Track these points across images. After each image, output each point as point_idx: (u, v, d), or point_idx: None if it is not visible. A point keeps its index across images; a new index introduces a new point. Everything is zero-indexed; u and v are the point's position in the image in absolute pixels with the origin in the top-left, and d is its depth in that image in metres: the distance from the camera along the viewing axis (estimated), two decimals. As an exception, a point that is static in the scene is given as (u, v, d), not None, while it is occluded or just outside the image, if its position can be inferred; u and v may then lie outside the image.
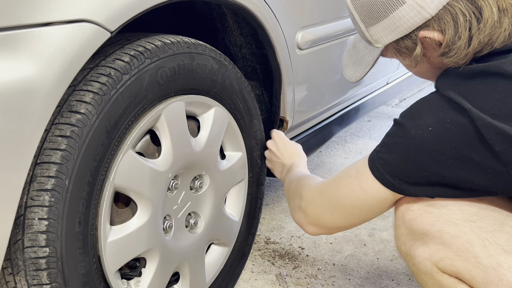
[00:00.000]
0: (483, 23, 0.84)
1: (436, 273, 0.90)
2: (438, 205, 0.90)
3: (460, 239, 0.86)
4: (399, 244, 0.96)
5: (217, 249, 1.31)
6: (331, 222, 1.05)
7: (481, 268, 0.83)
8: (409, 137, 0.87)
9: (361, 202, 0.97)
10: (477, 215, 0.87)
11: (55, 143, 0.81)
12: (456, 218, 0.88)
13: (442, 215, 0.89)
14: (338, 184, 1.02)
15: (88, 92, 0.85)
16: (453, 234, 0.87)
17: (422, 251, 0.91)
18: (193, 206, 1.19)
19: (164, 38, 1.01)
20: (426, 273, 0.91)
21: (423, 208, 0.91)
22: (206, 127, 1.16)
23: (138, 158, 0.97)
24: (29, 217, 0.81)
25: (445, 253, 0.87)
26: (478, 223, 0.86)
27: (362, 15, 0.95)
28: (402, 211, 0.94)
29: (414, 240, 0.92)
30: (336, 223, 1.05)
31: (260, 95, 1.48)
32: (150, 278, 1.04)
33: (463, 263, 0.85)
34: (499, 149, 0.79)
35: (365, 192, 0.95)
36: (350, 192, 0.98)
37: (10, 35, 0.71)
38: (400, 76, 2.57)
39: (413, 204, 0.93)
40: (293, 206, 1.14)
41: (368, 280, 1.50)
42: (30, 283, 0.82)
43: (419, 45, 0.91)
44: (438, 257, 0.88)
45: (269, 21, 1.25)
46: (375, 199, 0.95)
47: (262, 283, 1.47)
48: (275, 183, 2.16)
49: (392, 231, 1.78)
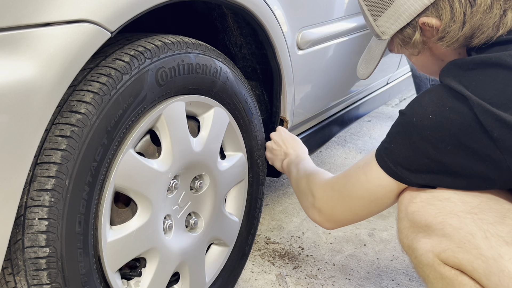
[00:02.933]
0: (476, 8, 0.89)
1: (438, 264, 0.91)
2: (440, 197, 0.91)
3: (462, 231, 0.87)
4: (402, 237, 0.98)
5: (217, 249, 1.31)
6: (342, 214, 1.08)
7: (483, 259, 0.84)
8: (410, 126, 0.90)
9: (365, 191, 1.00)
10: (479, 207, 0.89)
11: (55, 143, 0.81)
12: (458, 210, 0.89)
13: (444, 207, 0.90)
14: (347, 176, 1.05)
15: (88, 92, 0.85)
16: (455, 225, 0.88)
17: (424, 243, 0.92)
18: (193, 206, 1.19)
19: (164, 38, 1.01)
20: (428, 265, 0.92)
21: (426, 200, 0.93)
22: (206, 127, 1.16)
23: (138, 158, 0.97)
24: (29, 217, 0.81)
25: (447, 244, 0.89)
26: (480, 215, 0.88)
27: (369, 6, 1.03)
28: (405, 204, 0.96)
29: (417, 232, 0.94)
30: (346, 216, 1.08)
31: (260, 95, 1.48)
32: (150, 278, 1.04)
33: (465, 255, 0.87)
34: (497, 136, 0.81)
35: (369, 181, 0.98)
36: (356, 181, 1.01)
37: (10, 35, 0.71)
38: (400, 76, 2.57)
39: (416, 197, 0.94)
40: (307, 204, 1.17)
41: (368, 280, 1.50)
42: (30, 283, 0.82)
43: (418, 31, 0.96)
44: (440, 249, 0.90)
45: (269, 21, 1.25)
46: (379, 188, 0.97)
47: (262, 283, 1.47)
48: (275, 183, 2.16)
49: (392, 231, 1.78)
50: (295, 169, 1.28)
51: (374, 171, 0.97)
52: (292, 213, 1.90)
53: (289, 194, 2.06)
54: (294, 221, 1.84)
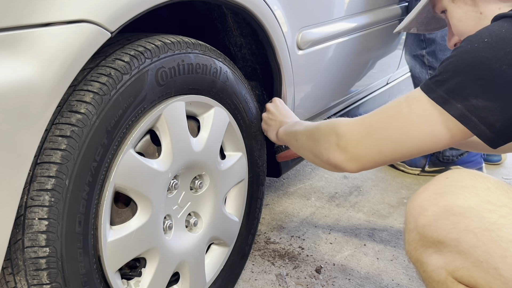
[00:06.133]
0: None
1: (451, 282, 0.86)
2: (454, 211, 0.85)
3: (479, 249, 0.81)
4: (410, 249, 0.92)
5: (217, 249, 1.31)
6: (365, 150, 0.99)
7: (502, 280, 0.79)
8: (464, 52, 0.86)
9: (404, 122, 0.93)
10: (497, 223, 0.82)
11: (55, 143, 0.82)
12: (474, 226, 0.82)
13: (459, 222, 0.84)
14: (383, 109, 0.98)
15: (88, 92, 0.85)
16: (471, 243, 0.82)
17: (436, 259, 0.87)
18: (193, 206, 1.19)
19: (164, 38, 1.01)
20: (439, 282, 0.88)
21: (439, 214, 0.86)
22: (206, 127, 1.16)
23: (138, 158, 0.97)
24: (29, 217, 0.81)
25: (462, 262, 0.83)
26: (498, 232, 0.81)
27: None
28: (415, 216, 0.89)
29: (427, 247, 0.88)
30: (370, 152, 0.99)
31: (260, 95, 1.48)
32: (150, 278, 1.04)
33: (482, 274, 0.81)
34: None
35: (412, 112, 0.91)
36: (395, 112, 0.94)
37: (10, 35, 0.71)
38: (400, 76, 2.57)
39: (427, 209, 0.87)
40: (326, 146, 1.05)
41: (368, 280, 1.51)
42: (30, 283, 0.82)
43: None
44: (455, 267, 0.85)
45: (269, 21, 1.25)
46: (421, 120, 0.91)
47: (262, 283, 1.47)
48: (275, 183, 2.16)
49: (392, 231, 1.78)
50: (300, 127, 1.19)
51: (420, 102, 0.90)
52: (292, 213, 1.90)
53: (289, 194, 2.06)
54: (294, 221, 1.84)
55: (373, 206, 1.98)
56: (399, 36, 2.19)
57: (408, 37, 2.18)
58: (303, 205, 1.97)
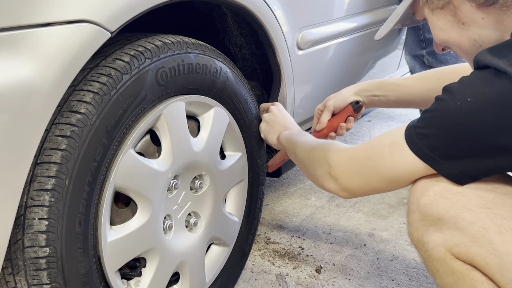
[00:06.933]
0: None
1: (450, 259, 0.89)
2: (454, 191, 0.89)
3: (476, 225, 0.85)
4: (412, 230, 0.95)
5: (217, 249, 1.31)
6: (357, 186, 1.04)
7: (496, 254, 0.83)
8: (447, 110, 0.86)
9: (389, 171, 0.96)
10: (493, 201, 0.87)
11: (55, 143, 0.82)
12: (472, 204, 0.87)
13: (457, 200, 0.88)
14: (370, 150, 1.01)
15: (88, 92, 0.85)
16: (468, 220, 0.86)
17: (436, 237, 0.90)
18: (193, 206, 1.19)
19: (164, 38, 1.01)
20: (439, 259, 0.91)
21: (439, 193, 0.90)
22: (206, 127, 1.16)
23: (138, 158, 0.97)
24: (29, 217, 0.81)
25: (459, 239, 0.87)
26: (494, 209, 0.86)
27: None
28: (417, 196, 0.93)
29: (428, 226, 0.91)
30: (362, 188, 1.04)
31: (260, 95, 1.48)
32: (150, 278, 1.04)
33: (478, 249, 0.85)
34: None
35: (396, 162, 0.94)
36: (380, 159, 0.97)
37: (10, 35, 0.71)
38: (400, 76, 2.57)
39: (429, 189, 0.91)
40: (320, 173, 1.10)
41: (368, 280, 1.51)
42: (30, 283, 0.82)
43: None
44: (453, 243, 0.88)
45: (269, 21, 1.25)
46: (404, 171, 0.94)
47: (262, 283, 1.47)
48: (275, 183, 2.16)
49: (392, 231, 1.78)
50: (301, 139, 1.21)
51: (403, 154, 0.92)
52: (292, 213, 1.90)
53: (289, 194, 2.06)
54: (294, 221, 1.84)
55: (373, 206, 1.98)
56: (399, 36, 2.19)
57: (408, 37, 2.18)
58: (303, 205, 1.97)
